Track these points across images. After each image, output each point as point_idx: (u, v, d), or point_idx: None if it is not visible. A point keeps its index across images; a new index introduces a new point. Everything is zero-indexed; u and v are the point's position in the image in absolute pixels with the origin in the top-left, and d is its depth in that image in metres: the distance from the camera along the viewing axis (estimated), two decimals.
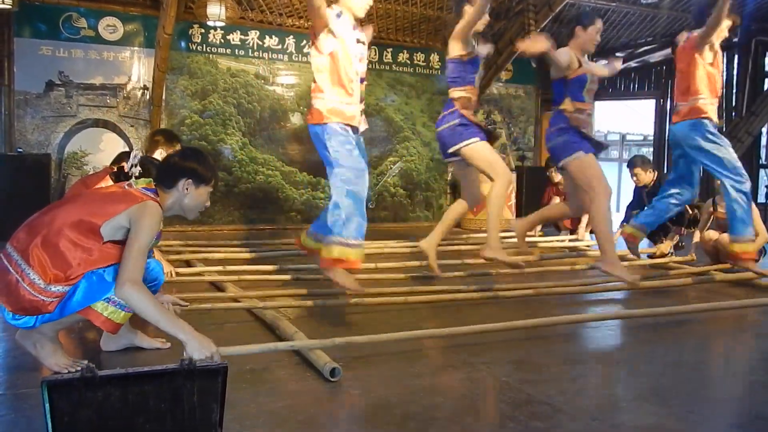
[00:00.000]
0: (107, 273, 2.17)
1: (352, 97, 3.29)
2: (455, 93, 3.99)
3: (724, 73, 8.85)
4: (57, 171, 6.72)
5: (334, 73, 3.23)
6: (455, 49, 3.97)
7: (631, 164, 5.75)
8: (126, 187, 2.38)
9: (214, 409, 1.60)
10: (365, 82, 3.42)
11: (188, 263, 4.57)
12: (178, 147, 3.91)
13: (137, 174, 2.93)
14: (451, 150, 3.90)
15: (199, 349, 2.02)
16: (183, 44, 7.44)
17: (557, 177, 6.55)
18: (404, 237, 6.47)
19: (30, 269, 2.11)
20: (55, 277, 2.12)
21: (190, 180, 2.37)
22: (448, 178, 8.95)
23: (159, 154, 3.82)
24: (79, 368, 1.52)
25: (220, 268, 4.25)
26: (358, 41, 3.36)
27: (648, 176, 5.60)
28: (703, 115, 4.12)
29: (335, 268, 3.10)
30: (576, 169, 3.77)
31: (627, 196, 6.54)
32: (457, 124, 3.89)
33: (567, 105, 3.87)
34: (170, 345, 2.59)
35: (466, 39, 3.97)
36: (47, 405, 1.41)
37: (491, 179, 3.81)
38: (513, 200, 8.33)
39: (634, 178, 5.67)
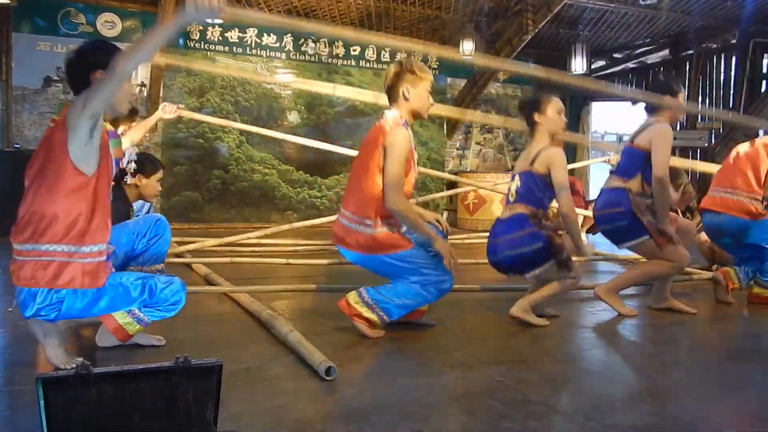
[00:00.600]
0: (133, 287, 2.21)
1: None
2: (525, 210, 3.21)
3: (722, 74, 8.88)
4: None
5: None
6: (542, 168, 3.19)
7: None
8: None
9: (209, 407, 1.59)
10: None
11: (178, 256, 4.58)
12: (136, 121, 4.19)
13: (133, 170, 2.94)
14: None
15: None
16: (181, 41, 7.44)
17: None
18: None
19: (54, 244, 2.10)
20: (79, 237, 2.12)
21: (100, 70, 2.17)
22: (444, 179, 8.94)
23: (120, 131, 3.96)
24: (74, 365, 1.52)
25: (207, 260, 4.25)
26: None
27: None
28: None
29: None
30: (647, 250, 3.48)
31: None
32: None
33: (634, 185, 3.46)
34: (165, 342, 2.59)
35: None
36: (42, 402, 1.41)
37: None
38: None
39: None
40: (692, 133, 9.16)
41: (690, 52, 9.13)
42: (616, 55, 9.80)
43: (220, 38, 7.67)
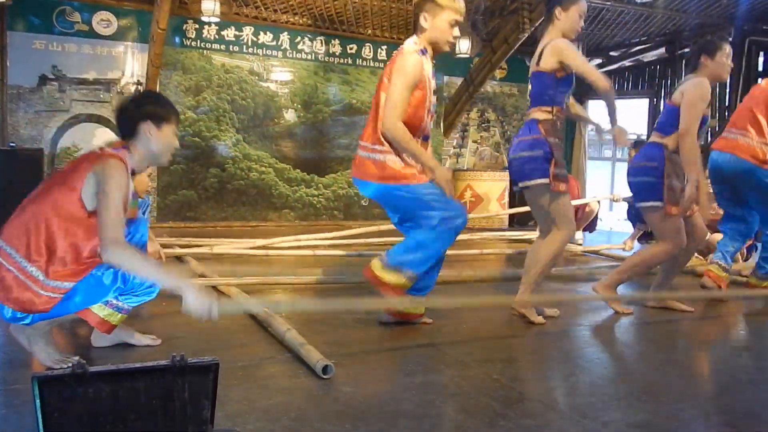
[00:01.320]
0: (105, 276, 2.17)
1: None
2: (539, 114, 3.12)
3: None
4: (50, 166, 6.70)
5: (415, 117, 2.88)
6: (550, 62, 3.05)
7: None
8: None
9: (205, 406, 1.59)
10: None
11: (180, 259, 4.56)
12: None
13: None
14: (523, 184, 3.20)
15: (197, 301, 1.98)
16: (177, 39, 7.42)
17: None
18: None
19: (28, 263, 2.10)
20: (54, 273, 2.11)
21: (150, 121, 2.31)
22: None
23: None
24: (69, 364, 1.52)
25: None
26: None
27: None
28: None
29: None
30: (655, 221, 3.44)
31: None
32: (540, 156, 3.08)
33: (671, 141, 3.41)
34: (161, 341, 2.59)
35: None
36: (38, 401, 1.41)
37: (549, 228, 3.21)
38: (507, 198, 8.35)
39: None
40: None
41: (686, 50, 9.14)
42: (612, 53, 9.81)
43: (217, 36, 7.66)
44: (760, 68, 8.66)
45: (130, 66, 7.20)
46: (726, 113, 8.52)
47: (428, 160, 2.82)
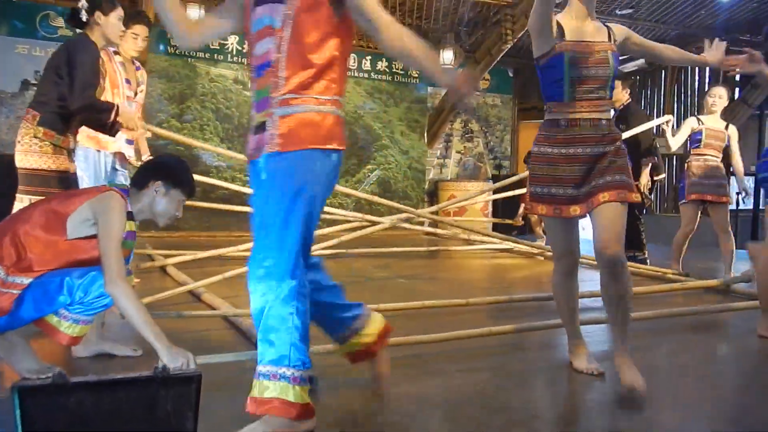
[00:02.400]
0: (50, 283, 2.09)
1: None
2: None
3: (696, 82, 9.05)
4: None
5: None
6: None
7: None
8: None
9: (188, 417, 1.58)
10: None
11: (163, 269, 4.53)
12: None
13: (86, 8, 3.14)
14: None
15: (179, 359, 1.91)
16: (161, 47, 7.40)
17: None
18: (381, 244, 6.47)
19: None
20: (16, 268, 2.07)
21: (161, 182, 2.30)
22: (425, 187, 8.99)
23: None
24: (50, 374, 1.50)
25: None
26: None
27: (622, 95, 5.62)
28: None
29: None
30: None
31: None
32: None
33: None
34: (141, 352, 2.56)
35: None
36: (18, 411, 1.39)
37: None
38: (490, 208, 8.40)
39: None
40: None
41: None
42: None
43: (209, 45, 7.65)
44: (737, 78, 8.82)
45: None
46: None
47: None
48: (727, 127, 5.07)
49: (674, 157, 9.28)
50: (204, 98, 7.73)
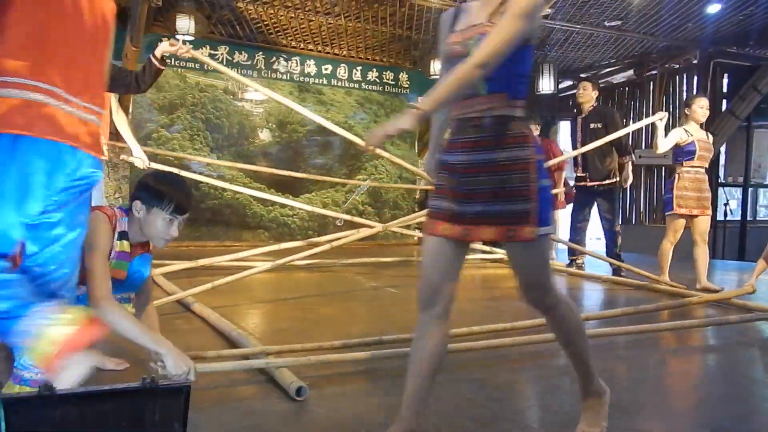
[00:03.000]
0: None
1: None
2: None
3: (685, 93, 9.14)
4: None
5: None
6: None
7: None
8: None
9: (176, 429, 1.57)
10: None
11: (152, 279, 4.50)
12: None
13: None
14: None
15: (177, 364, 1.95)
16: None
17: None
18: (370, 256, 6.47)
19: None
20: None
21: (138, 201, 2.20)
22: (416, 197, 8.99)
23: None
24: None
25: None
26: None
27: (591, 95, 5.74)
28: None
29: None
30: None
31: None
32: None
33: None
34: (128, 366, 2.54)
35: None
36: (2, 423, 1.37)
37: None
38: None
39: (579, 91, 5.85)
40: None
41: (654, 72, 9.38)
42: (582, 75, 10.01)
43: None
44: (725, 89, 8.92)
45: None
46: None
47: None
48: (708, 137, 5.16)
49: (662, 168, 9.34)
50: (194, 108, 7.72)
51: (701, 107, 5.06)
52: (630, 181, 5.77)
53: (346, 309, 4.04)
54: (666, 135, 5.04)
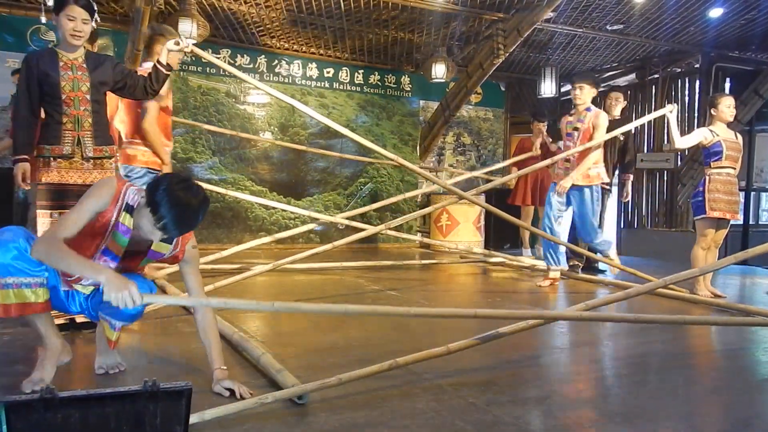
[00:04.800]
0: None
1: None
2: None
3: (687, 97, 9.14)
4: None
5: None
6: None
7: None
8: None
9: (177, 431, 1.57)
10: None
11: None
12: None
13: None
14: None
15: (115, 289, 1.94)
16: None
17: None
18: (371, 258, 6.47)
19: None
20: None
21: (143, 188, 2.21)
22: (418, 200, 8.99)
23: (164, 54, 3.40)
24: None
25: None
26: None
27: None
28: None
29: None
30: None
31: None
32: None
33: None
34: (125, 367, 2.54)
35: None
36: (5, 426, 1.37)
37: None
38: (482, 222, 8.41)
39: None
40: (658, 155, 9.38)
41: (656, 75, 9.39)
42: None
43: (193, 58, 7.64)
44: (727, 93, 8.91)
45: None
46: None
47: None
48: (736, 137, 4.96)
49: (664, 172, 9.34)
50: (196, 111, 7.73)
51: (728, 106, 4.88)
52: (629, 198, 6.03)
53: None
54: (678, 128, 4.99)
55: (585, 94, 5.14)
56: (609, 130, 5.21)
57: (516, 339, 3.18)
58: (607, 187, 5.93)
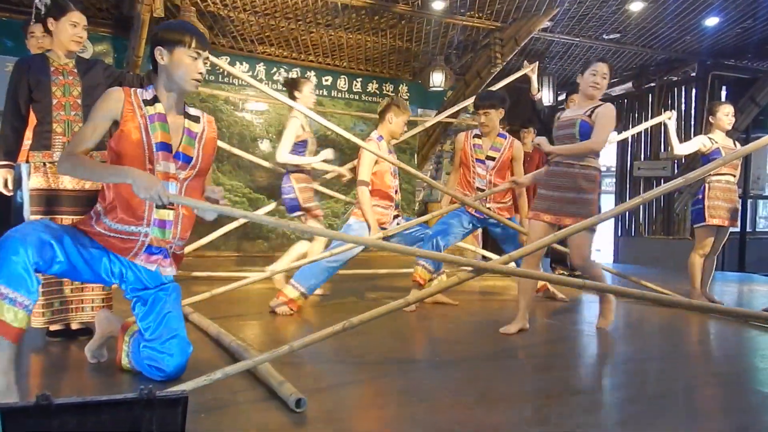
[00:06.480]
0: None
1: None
2: None
3: (683, 106, 9.17)
4: (17, 187, 6.58)
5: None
6: None
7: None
8: None
9: None
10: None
11: None
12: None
13: (41, 13, 3.10)
14: None
15: (144, 187, 2.08)
16: (151, 66, 7.41)
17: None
18: (369, 266, 6.46)
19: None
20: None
21: (160, 47, 2.37)
22: (416, 208, 8.99)
23: None
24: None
25: None
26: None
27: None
28: None
29: None
30: None
31: None
32: None
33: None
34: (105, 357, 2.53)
35: None
36: None
37: None
38: (480, 230, 8.40)
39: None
40: (656, 163, 9.40)
41: (652, 84, 9.43)
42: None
43: None
44: (724, 100, 8.95)
45: None
46: None
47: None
48: (735, 144, 4.96)
49: (661, 180, 9.36)
50: None
51: (726, 114, 4.89)
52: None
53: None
54: (677, 135, 5.00)
55: (492, 119, 4.53)
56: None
57: (514, 344, 3.18)
58: None
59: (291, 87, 4.86)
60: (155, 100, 2.39)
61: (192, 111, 2.52)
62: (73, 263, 2.23)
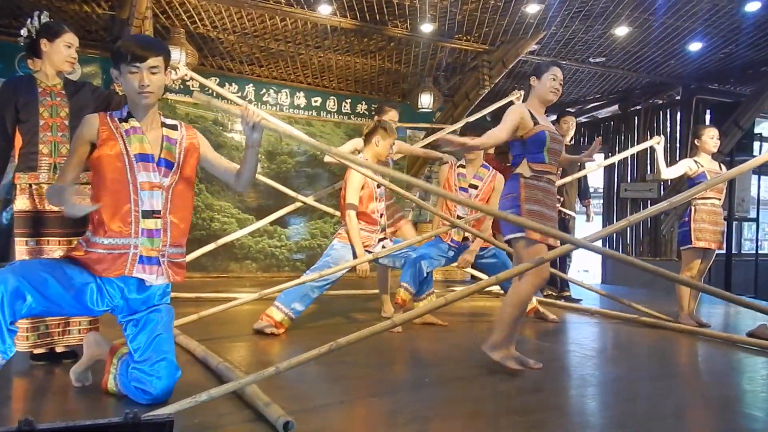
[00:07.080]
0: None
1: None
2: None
3: (668, 128, 9.30)
4: (4, 207, 6.52)
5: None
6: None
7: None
8: None
9: None
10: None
11: None
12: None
13: (33, 34, 3.15)
14: None
15: (76, 210, 2.19)
16: None
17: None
18: (358, 287, 6.44)
19: None
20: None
21: (113, 71, 2.48)
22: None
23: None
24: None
25: None
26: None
27: (571, 131, 6.03)
28: None
29: None
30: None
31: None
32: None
33: (523, 168, 3.27)
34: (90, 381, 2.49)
35: None
36: None
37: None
38: None
39: (568, 125, 6.06)
40: (642, 185, 9.50)
41: (638, 107, 9.56)
42: (568, 109, 10.15)
43: (181, 86, 7.67)
44: (707, 124, 9.08)
45: None
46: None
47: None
48: (720, 167, 4.98)
49: (648, 201, 9.44)
50: None
51: (711, 137, 4.93)
52: (593, 220, 6.32)
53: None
54: (664, 159, 5.04)
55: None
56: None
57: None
58: (568, 216, 6.11)
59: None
60: (129, 116, 2.47)
61: (168, 121, 2.60)
62: (55, 302, 2.26)
